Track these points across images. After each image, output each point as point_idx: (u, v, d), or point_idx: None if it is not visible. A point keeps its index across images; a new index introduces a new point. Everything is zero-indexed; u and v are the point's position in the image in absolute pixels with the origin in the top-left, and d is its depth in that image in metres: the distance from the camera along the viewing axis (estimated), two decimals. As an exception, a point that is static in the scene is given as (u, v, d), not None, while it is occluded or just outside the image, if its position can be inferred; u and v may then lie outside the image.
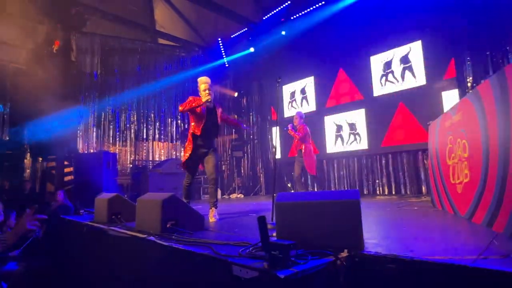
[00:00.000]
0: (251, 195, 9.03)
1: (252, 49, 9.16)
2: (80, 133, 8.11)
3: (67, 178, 6.96)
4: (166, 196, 2.52)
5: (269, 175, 9.06)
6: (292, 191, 8.31)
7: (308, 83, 8.33)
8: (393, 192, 6.57)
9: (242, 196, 8.82)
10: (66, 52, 7.72)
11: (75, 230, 3.57)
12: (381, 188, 6.80)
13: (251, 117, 9.96)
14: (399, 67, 6.61)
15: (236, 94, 10.07)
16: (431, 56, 6.14)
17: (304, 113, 8.35)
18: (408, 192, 6.33)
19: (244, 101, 10.10)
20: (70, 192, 6.42)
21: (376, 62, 6.94)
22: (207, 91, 3.49)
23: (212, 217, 3.40)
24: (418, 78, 6.33)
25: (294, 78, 8.60)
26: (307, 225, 1.76)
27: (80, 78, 8.16)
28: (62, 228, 3.92)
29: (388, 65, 6.77)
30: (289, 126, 5.35)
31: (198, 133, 3.52)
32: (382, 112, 6.72)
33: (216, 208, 3.49)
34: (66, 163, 7.05)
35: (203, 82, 3.53)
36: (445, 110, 4.65)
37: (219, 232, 2.56)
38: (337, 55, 7.60)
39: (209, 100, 3.45)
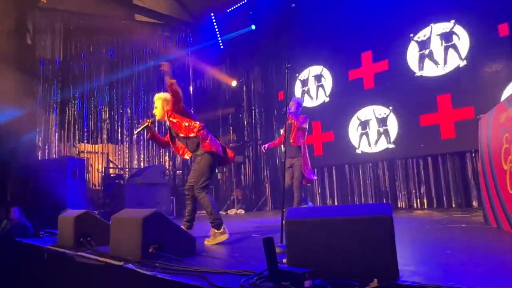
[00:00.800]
0: (254, 211, 9.04)
1: (253, 27, 9.18)
2: (39, 135, 8.16)
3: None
4: (148, 213, 2.52)
5: (277, 185, 9.06)
6: (306, 205, 8.30)
7: (325, 68, 8.33)
8: (434, 205, 6.55)
9: (243, 212, 8.83)
10: (20, 33, 7.78)
11: (33, 256, 3.58)
12: (418, 200, 6.78)
13: (253, 111, 9.98)
14: (440, 46, 6.60)
15: (234, 83, 10.09)
16: (479, 32, 6.12)
17: (320, 105, 8.48)
18: (454, 205, 6.30)
19: (244, 92, 10.12)
20: (29, 209, 6.46)
21: (411, 40, 6.93)
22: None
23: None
24: (465, 59, 6.31)
25: (307, 62, 8.60)
26: (326, 248, 1.76)
27: (38, 65, 8.22)
28: (17, 253, 3.94)
29: (425, 44, 6.76)
30: (289, 109, 5.16)
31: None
32: (419, 102, 6.71)
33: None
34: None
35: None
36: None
37: (214, 257, 2.56)
38: (361, 32, 7.61)
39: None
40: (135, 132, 3.78)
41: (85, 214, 3.38)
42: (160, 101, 3.67)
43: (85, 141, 8.81)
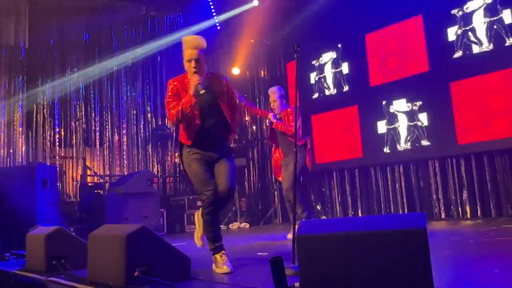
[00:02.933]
0: (260, 225, 9.04)
1: (256, 2, 9.19)
2: (1, 137, 8.22)
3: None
4: (133, 229, 2.54)
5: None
6: (324, 217, 8.31)
7: (344, 50, 8.32)
8: (479, 214, 6.50)
9: (248, 225, 8.84)
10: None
11: (-3, 283, 3.61)
12: (459, 209, 6.74)
13: (257, 103, 9.99)
14: (483, 21, 6.56)
15: (237, 71, 10.10)
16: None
17: (337, 95, 8.45)
18: (505, 215, 6.27)
19: (247, 81, 10.14)
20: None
21: (448, 14, 6.90)
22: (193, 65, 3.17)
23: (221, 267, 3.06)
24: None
25: (323, 45, 8.59)
26: (346, 269, 1.76)
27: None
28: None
29: (466, 19, 6.72)
30: (271, 116, 5.32)
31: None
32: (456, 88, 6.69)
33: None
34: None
35: (188, 47, 3.22)
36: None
37: (213, 282, 2.57)
38: (387, 5, 7.58)
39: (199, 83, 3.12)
40: None
41: (58, 231, 3.40)
42: None
43: (57, 144, 8.85)
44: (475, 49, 6.61)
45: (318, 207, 8.49)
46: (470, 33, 6.66)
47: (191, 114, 3.16)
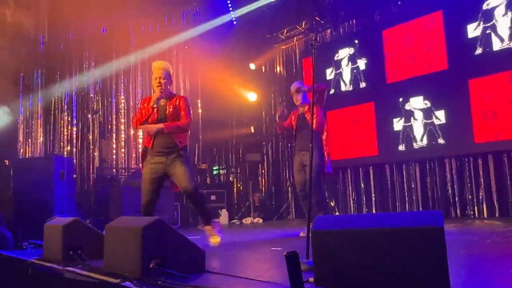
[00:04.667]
0: (274, 220, 9.06)
1: (273, -2, 9.16)
2: (21, 129, 8.36)
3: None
4: (148, 221, 2.55)
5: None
6: (337, 213, 8.28)
7: (361, 46, 8.26)
8: (496, 214, 6.45)
9: (261, 221, 8.86)
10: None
11: (15, 271, 3.67)
12: (475, 208, 6.69)
13: (272, 99, 9.99)
14: (505, 18, 6.44)
15: (253, 66, 10.09)
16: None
17: (354, 91, 8.38)
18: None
19: (263, 76, 10.13)
20: (8, 216, 6.62)
21: (468, 10, 6.79)
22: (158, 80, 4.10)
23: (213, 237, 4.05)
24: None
25: (340, 40, 8.53)
26: (361, 265, 1.75)
27: (19, 47, 8.40)
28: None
29: (487, 15, 6.62)
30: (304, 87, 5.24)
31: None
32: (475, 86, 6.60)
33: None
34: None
35: (156, 68, 4.17)
36: None
37: (227, 275, 2.58)
38: (405, 0, 7.51)
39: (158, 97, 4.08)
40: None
41: (75, 222, 3.44)
42: None
43: (74, 136, 8.96)
44: (496, 45, 6.51)
45: (332, 203, 8.47)
46: (490, 30, 6.56)
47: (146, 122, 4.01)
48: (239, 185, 10.19)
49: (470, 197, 6.77)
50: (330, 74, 8.72)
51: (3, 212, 6.54)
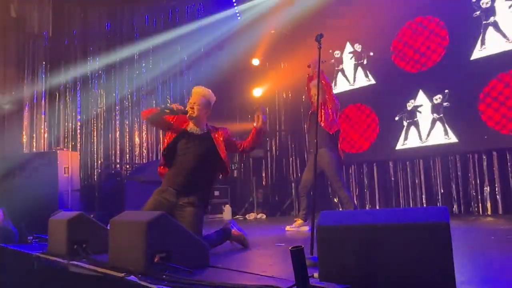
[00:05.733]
0: (277, 216, 9.06)
1: (277, -7, 9.12)
2: (25, 124, 8.37)
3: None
4: (153, 216, 2.56)
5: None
6: (340, 209, 8.27)
7: (366, 42, 8.23)
8: (500, 211, 6.42)
9: (265, 216, 8.86)
10: (2, 4, 7.97)
11: (20, 265, 3.70)
12: (480, 205, 6.67)
13: (276, 94, 9.97)
14: (506, 14, 6.41)
15: (256, 62, 10.06)
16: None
17: (358, 89, 8.37)
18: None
19: (267, 72, 10.10)
20: (13, 211, 6.65)
21: (470, 4, 6.77)
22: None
23: None
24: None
25: (344, 35, 8.50)
26: (366, 260, 1.76)
27: (23, 42, 8.41)
28: (1, 261, 4.07)
29: (489, 11, 6.58)
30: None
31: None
32: (482, 82, 6.55)
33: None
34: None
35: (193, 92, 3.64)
36: None
37: (231, 270, 2.59)
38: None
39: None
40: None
41: (80, 216, 3.45)
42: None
43: (78, 131, 8.97)
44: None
45: (335, 200, 8.47)
46: (493, 27, 6.54)
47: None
48: (243, 180, 10.17)
49: (474, 193, 6.75)
50: (334, 69, 8.69)
51: (8, 206, 6.58)
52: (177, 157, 3.54)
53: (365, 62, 8.20)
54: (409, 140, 7.42)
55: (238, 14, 9.96)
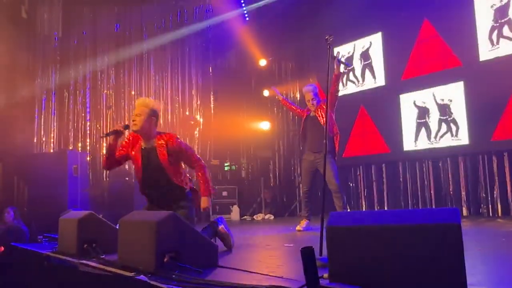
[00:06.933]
0: (285, 216, 9.05)
1: (285, -6, 9.12)
2: (35, 125, 8.44)
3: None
4: (163, 215, 2.57)
5: (314, 186, 9.01)
6: (349, 210, 8.25)
7: (374, 43, 8.20)
8: (511, 213, 6.37)
9: (272, 217, 8.85)
10: (13, 5, 8.05)
11: (31, 263, 3.73)
12: (490, 206, 6.62)
13: (284, 95, 9.93)
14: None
15: (263, 63, 10.06)
16: None
17: (366, 90, 8.34)
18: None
19: (274, 73, 10.11)
20: (24, 210, 6.71)
21: (484, 7, 6.72)
22: None
23: None
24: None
25: (351, 35, 8.48)
26: (376, 261, 1.75)
27: (34, 42, 8.49)
28: (12, 260, 4.11)
29: (502, 11, 6.53)
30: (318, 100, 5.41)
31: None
32: (492, 86, 6.50)
33: None
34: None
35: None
36: None
37: (241, 270, 2.59)
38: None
39: None
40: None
41: (90, 216, 3.48)
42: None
43: (88, 131, 9.04)
44: None
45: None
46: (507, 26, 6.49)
47: None
48: (249, 181, 10.17)
49: (484, 195, 6.70)
50: (342, 70, 8.65)
51: (19, 206, 6.64)
52: (144, 175, 3.65)
53: (374, 62, 8.16)
54: (418, 141, 7.38)
55: (246, 15, 9.97)
